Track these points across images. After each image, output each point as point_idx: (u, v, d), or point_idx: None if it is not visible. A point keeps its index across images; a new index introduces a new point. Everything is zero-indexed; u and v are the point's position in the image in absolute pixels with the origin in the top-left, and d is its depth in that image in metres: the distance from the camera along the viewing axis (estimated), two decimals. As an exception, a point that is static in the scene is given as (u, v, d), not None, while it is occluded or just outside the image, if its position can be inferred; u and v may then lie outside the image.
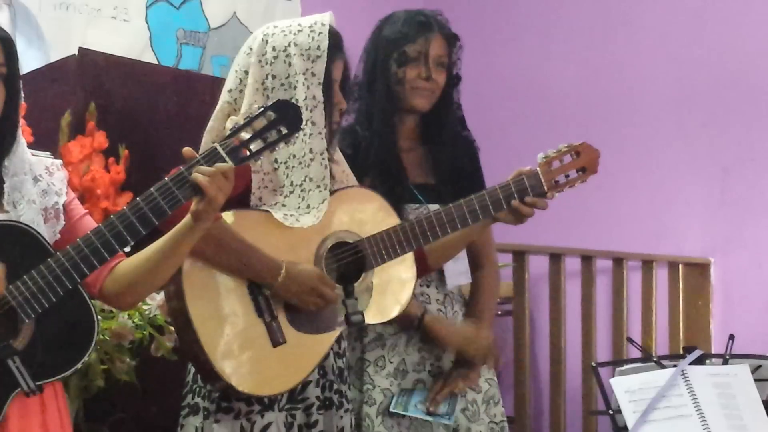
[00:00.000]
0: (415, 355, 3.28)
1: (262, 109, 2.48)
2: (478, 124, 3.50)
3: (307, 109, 2.89)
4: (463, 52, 3.39)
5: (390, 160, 3.28)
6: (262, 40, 2.96)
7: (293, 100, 2.88)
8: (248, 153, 2.47)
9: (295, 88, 2.92)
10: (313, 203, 2.92)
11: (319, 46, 2.92)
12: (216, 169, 2.41)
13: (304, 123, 2.73)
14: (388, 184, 3.23)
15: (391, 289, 3.03)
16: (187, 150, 2.46)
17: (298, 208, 2.91)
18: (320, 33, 2.93)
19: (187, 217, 2.48)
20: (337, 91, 3.00)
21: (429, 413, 3.23)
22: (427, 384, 3.28)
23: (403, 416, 3.23)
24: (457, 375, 3.27)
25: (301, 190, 2.92)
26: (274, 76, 2.94)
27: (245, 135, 2.46)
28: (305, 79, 2.92)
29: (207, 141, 2.98)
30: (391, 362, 3.27)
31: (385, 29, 3.33)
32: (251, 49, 2.97)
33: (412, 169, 3.35)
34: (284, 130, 2.49)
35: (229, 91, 2.98)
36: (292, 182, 2.92)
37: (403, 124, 3.34)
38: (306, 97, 2.91)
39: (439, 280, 3.35)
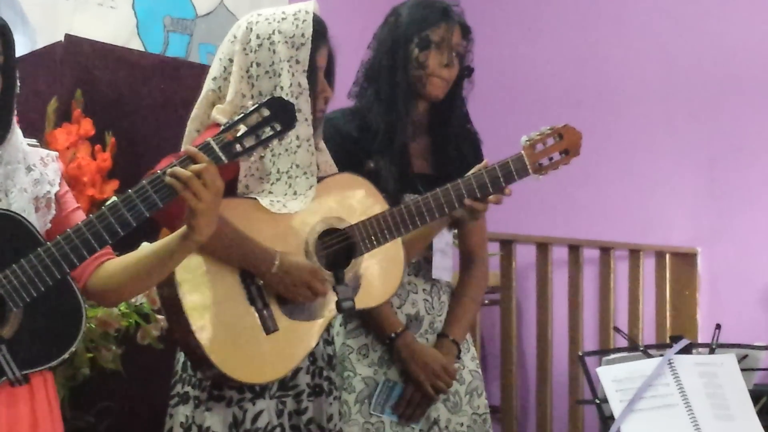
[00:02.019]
0: None
1: (256, 105, 2.48)
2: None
3: (292, 96, 2.88)
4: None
5: (398, 148, 3.27)
6: (246, 28, 2.96)
7: (278, 88, 2.89)
8: (241, 149, 2.46)
9: (279, 75, 2.91)
10: (300, 189, 2.91)
11: (303, 34, 2.91)
12: (198, 167, 2.40)
13: None
14: (392, 172, 3.22)
15: (381, 275, 3.03)
16: (188, 149, 2.46)
17: (285, 194, 2.91)
18: (304, 20, 2.93)
19: (183, 227, 2.46)
20: (322, 79, 3.00)
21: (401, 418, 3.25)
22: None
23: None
24: (416, 399, 3.26)
25: (288, 177, 2.91)
26: (258, 64, 2.93)
27: (239, 131, 2.46)
28: (290, 66, 2.91)
29: (191, 129, 2.97)
30: (375, 351, 3.26)
31: (403, 14, 3.30)
32: (235, 37, 2.97)
33: (415, 159, 3.34)
34: (278, 127, 2.49)
35: (214, 79, 2.97)
36: (278, 169, 2.92)
37: (412, 113, 3.33)
38: (291, 84, 2.90)
39: (427, 270, 3.35)
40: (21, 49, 2.54)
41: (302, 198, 2.91)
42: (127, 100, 3.66)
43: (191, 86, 3.11)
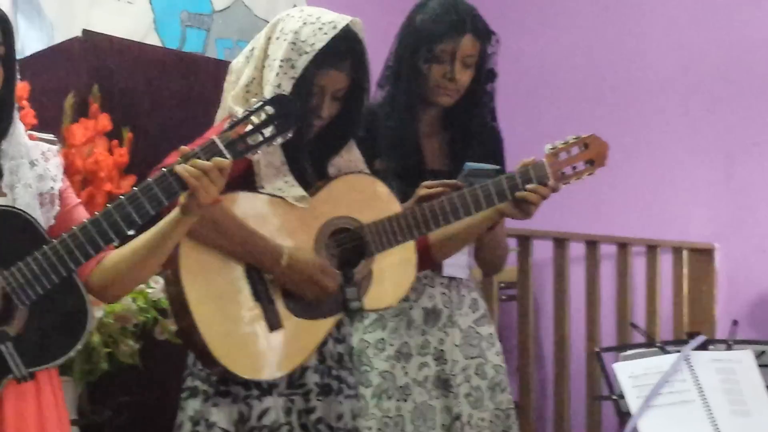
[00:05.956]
0: (418, 337, 3.28)
1: (260, 103, 2.48)
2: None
3: (268, 94, 2.80)
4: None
5: (409, 145, 3.26)
6: (278, 20, 2.93)
7: (265, 81, 2.85)
8: (245, 147, 2.47)
9: (271, 70, 2.86)
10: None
11: (313, 44, 2.84)
12: (213, 164, 2.41)
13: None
14: (403, 168, 3.21)
15: (391, 277, 3.01)
16: (183, 148, 2.46)
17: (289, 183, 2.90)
18: (325, 33, 2.84)
19: (175, 210, 2.47)
20: (325, 102, 2.90)
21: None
22: (431, 367, 3.27)
23: (405, 400, 3.23)
24: None
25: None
26: (269, 56, 2.90)
27: (244, 128, 2.46)
28: (281, 66, 2.84)
29: (218, 118, 2.96)
30: (391, 345, 3.26)
31: (417, 19, 3.29)
32: (268, 27, 2.95)
33: (429, 155, 3.33)
34: (281, 126, 2.49)
35: (237, 62, 2.97)
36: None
37: (425, 113, 3.32)
38: (273, 82, 2.84)
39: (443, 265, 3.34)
40: (38, 44, 2.55)
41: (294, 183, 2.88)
42: (145, 95, 3.67)
43: (208, 82, 3.13)
